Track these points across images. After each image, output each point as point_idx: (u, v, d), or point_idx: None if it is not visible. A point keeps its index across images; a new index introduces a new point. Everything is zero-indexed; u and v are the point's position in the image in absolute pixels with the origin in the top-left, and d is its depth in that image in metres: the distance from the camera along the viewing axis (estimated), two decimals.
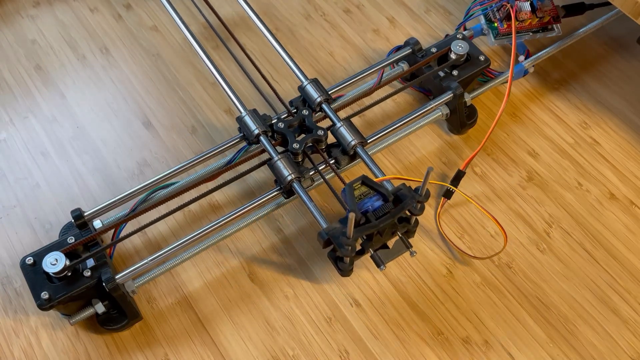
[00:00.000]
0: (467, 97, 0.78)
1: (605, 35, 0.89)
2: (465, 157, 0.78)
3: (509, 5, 0.80)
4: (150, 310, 0.69)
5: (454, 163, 0.78)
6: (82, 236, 0.65)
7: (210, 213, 0.75)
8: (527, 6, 0.80)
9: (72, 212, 0.67)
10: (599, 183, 0.77)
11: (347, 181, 0.62)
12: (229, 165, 0.69)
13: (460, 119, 0.78)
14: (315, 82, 0.71)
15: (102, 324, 0.66)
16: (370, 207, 0.60)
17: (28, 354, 0.66)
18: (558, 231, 0.74)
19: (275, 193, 0.68)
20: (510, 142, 0.80)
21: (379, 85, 0.77)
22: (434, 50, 0.77)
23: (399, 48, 0.82)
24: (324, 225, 0.62)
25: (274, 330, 0.68)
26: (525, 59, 0.83)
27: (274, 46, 0.76)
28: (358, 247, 0.62)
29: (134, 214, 0.66)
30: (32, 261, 0.63)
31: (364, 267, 0.71)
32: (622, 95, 0.84)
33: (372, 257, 0.61)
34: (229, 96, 0.73)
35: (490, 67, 0.81)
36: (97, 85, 0.85)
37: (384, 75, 0.78)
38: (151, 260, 0.64)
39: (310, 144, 0.68)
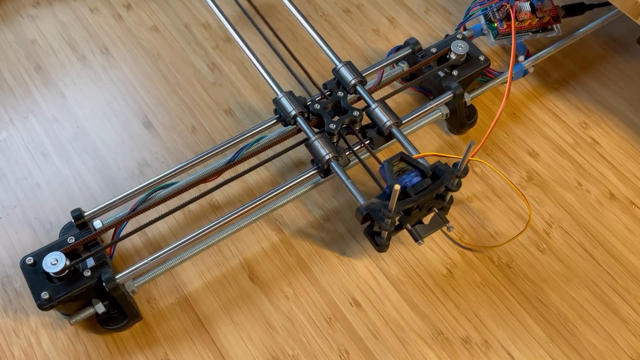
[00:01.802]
0: (467, 97, 0.78)
1: (605, 35, 0.89)
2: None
3: (508, 6, 0.80)
4: (150, 310, 0.69)
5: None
6: (82, 236, 0.65)
7: (210, 213, 0.75)
8: (527, 6, 0.80)
9: (72, 212, 0.67)
10: (598, 183, 0.77)
11: (381, 161, 0.63)
12: (230, 164, 0.69)
13: (460, 119, 0.78)
14: (349, 65, 0.72)
15: (102, 324, 0.66)
16: (409, 182, 0.62)
17: (28, 354, 0.66)
18: (558, 231, 0.74)
19: (313, 172, 0.69)
20: (510, 142, 0.80)
21: (379, 85, 0.77)
22: (433, 50, 0.77)
23: (398, 48, 0.82)
24: (362, 202, 0.63)
25: (274, 330, 0.68)
26: (525, 59, 0.83)
27: (307, 30, 0.77)
28: (396, 223, 0.63)
29: (134, 213, 0.66)
30: (32, 261, 0.63)
31: (364, 266, 0.71)
32: (622, 95, 0.84)
33: (410, 231, 0.63)
34: (265, 78, 0.74)
35: (490, 67, 0.81)
36: (97, 85, 0.85)
37: (384, 75, 0.78)
38: (151, 260, 0.64)
39: (346, 125, 0.70)
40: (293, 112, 0.70)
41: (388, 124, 0.69)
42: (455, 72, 0.76)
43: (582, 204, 0.76)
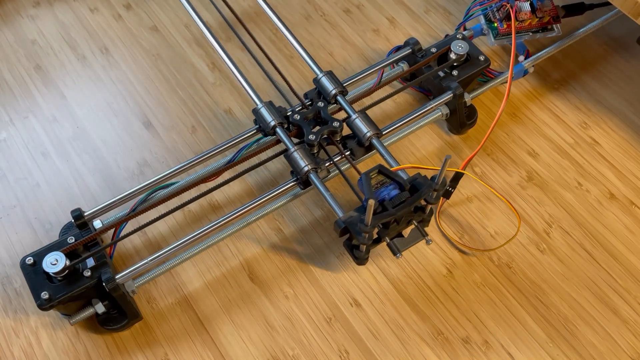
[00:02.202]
0: (467, 97, 0.78)
1: (605, 35, 0.89)
2: (465, 157, 0.78)
3: (508, 6, 0.80)
4: (150, 310, 0.69)
5: (454, 163, 0.78)
6: (82, 236, 0.65)
7: (210, 213, 0.75)
8: (527, 6, 0.80)
9: (72, 212, 0.67)
10: (598, 183, 0.77)
11: (361, 172, 0.62)
12: (230, 165, 0.69)
13: (460, 119, 0.78)
14: (330, 75, 0.72)
15: (102, 324, 0.66)
16: (386, 195, 0.61)
17: (28, 354, 0.66)
18: (558, 231, 0.74)
19: (292, 184, 0.68)
20: (510, 142, 0.80)
21: (379, 85, 0.77)
22: (433, 50, 0.77)
23: (398, 48, 0.82)
24: (340, 214, 0.63)
25: (274, 330, 0.68)
26: (525, 59, 0.83)
27: (288, 39, 0.77)
28: (374, 236, 0.63)
29: (134, 213, 0.66)
30: (32, 261, 0.63)
31: (364, 267, 0.71)
32: (622, 95, 0.84)
33: (388, 245, 0.62)
34: (245, 88, 0.73)
35: (490, 67, 0.81)
36: (97, 85, 0.85)
37: (383, 75, 0.78)
38: (151, 260, 0.64)
39: (326, 136, 0.69)
40: (272, 123, 0.69)
41: (368, 134, 0.68)
42: (455, 72, 0.76)
43: (582, 204, 0.76)
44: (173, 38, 0.90)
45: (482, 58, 0.76)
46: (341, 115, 0.71)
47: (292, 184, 0.68)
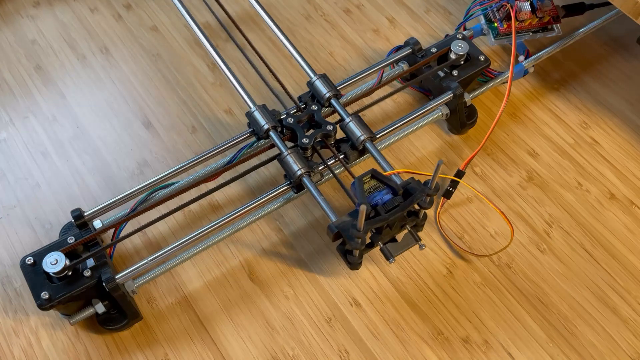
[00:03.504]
0: (467, 97, 0.78)
1: (605, 35, 0.89)
2: (465, 157, 0.78)
3: (509, 5, 0.80)
4: (150, 310, 0.69)
5: (454, 163, 0.78)
6: (82, 236, 0.65)
7: (210, 213, 0.75)
8: (527, 6, 0.80)
9: (72, 212, 0.67)
10: (599, 183, 0.77)
11: (356, 176, 0.62)
12: (230, 165, 0.69)
13: (460, 119, 0.78)
14: (324, 78, 0.72)
15: (102, 324, 0.66)
16: (379, 200, 0.61)
17: (28, 354, 0.66)
18: (558, 231, 0.74)
19: (285, 188, 0.68)
20: (510, 142, 0.80)
21: (379, 85, 0.77)
22: (433, 50, 0.77)
23: (399, 48, 0.82)
24: (333, 219, 0.62)
25: (274, 330, 0.68)
26: (525, 59, 0.83)
27: (282, 42, 0.76)
28: (367, 241, 0.62)
29: (134, 213, 0.66)
30: (32, 261, 0.63)
31: (364, 267, 0.71)
32: (622, 95, 0.84)
33: (381, 250, 0.62)
34: (238, 91, 0.73)
35: (490, 67, 0.81)
36: (97, 85, 0.85)
37: (383, 75, 0.78)
38: (151, 260, 0.64)
39: (320, 139, 0.69)
40: (265, 126, 0.69)
41: (362, 138, 0.68)
42: (455, 72, 0.76)
43: (582, 204, 0.76)
44: (173, 38, 0.90)
45: (482, 58, 0.76)
46: (335, 118, 0.71)
47: (285, 188, 0.68)
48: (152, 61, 0.88)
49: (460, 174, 0.75)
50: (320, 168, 0.68)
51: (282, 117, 0.70)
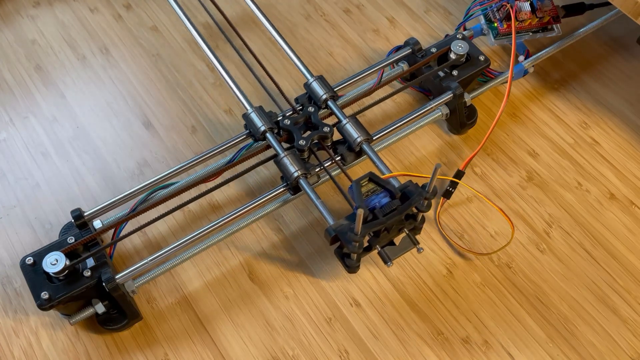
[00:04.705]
0: (467, 97, 0.78)
1: (605, 35, 0.89)
2: (465, 157, 0.78)
3: (508, 5, 0.80)
4: (150, 310, 0.69)
5: (454, 163, 0.78)
6: (82, 236, 0.65)
7: (210, 213, 0.75)
8: (527, 6, 0.80)
9: (72, 212, 0.67)
10: (598, 183, 0.77)
11: (353, 178, 0.62)
12: (229, 165, 0.69)
13: (460, 119, 0.78)
14: (321, 79, 0.71)
15: (102, 324, 0.66)
16: (377, 203, 0.61)
17: (28, 354, 0.66)
18: (558, 231, 0.74)
19: (282, 190, 0.68)
20: (510, 142, 0.80)
21: (378, 85, 0.77)
22: (433, 50, 0.77)
23: (398, 48, 0.82)
24: (331, 222, 0.62)
25: (274, 330, 0.68)
26: (525, 59, 0.83)
27: (279, 43, 0.76)
28: (365, 244, 0.62)
29: (133, 213, 0.66)
30: (32, 261, 0.63)
31: (364, 267, 0.71)
32: (622, 95, 0.84)
33: (379, 253, 0.62)
34: (235, 93, 0.73)
35: (490, 67, 0.81)
36: (97, 85, 0.85)
37: (383, 75, 0.78)
38: (151, 260, 0.64)
39: (316, 141, 0.69)
40: (262, 128, 0.68)
41: (359, 140, 0.67)
42: (455, 72, 0.76)
43: (582, 204, 0.76)
44: (173, 38, 0.90)
45: (482, 58, 0.76)
46: (332, 120, 0.71)
47: (282, 189, 0.68)
48: (152, 61, 0.88)
49: (460, 174, 0.75)
50: (317, 170, 0.68)
51: (278, 118, 0.70)
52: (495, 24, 0.81)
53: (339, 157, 0.69)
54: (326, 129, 0.68)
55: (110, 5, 0.93)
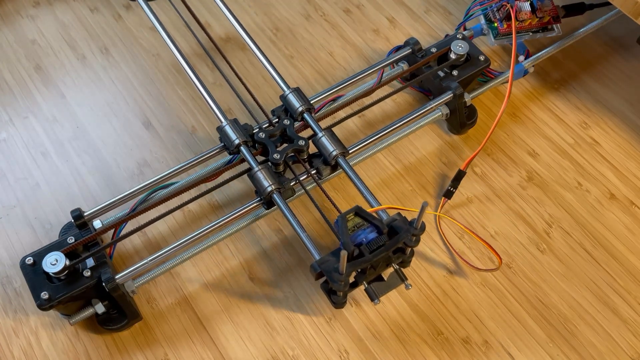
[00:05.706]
0: (467, 97, 0.78)
1: (605, 35, 0.89)
2: (465, 157, 0.78)
3: (509, 5, 0.80)
4: (150, 310, 0.69)
5: (454, 163, 0.78)
6: (82, 236, 0.65)
7: (210, 213, 0.75)
8: (527, 6, 0.80)
9: (72, 212, 0.67)
10: (599, 183, 0.77)
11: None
12: (229, 165, 0.69)
13: (460, 119, 0.78)
14: (297, 91, 0.70)
15: (102, 324, 0.66)
16: (364, 239, 0.59)
17: (28, 354, 0.66)
18: (558, 231, 0.74)
19: (256, 204, 0.67)
20: (510, 142, 0.80)
21: (379, 85, 0.77)
22: (433, 50, 0.77)
23: (398, 48, 0.82)
24: (317, 256, 0.60)
25: (274, 330, 0.68)
26: (525, 59, 0.83)
27: (255, 53, 0.75)
28: (351, 280, 0.60)
29: (133, 213, 0.66)
30: (32, 261, 0.63)
31: None
32: (622, 95, 0.84)
33: (366, 290, 0.60)
34: (210, 105, 0.71)
35: (490, 67, 0.81)
36: (97, 85, 0.85)
37: (383, 75, 0.78)
38: (151, 260, 0.64)
39: (292, 154, 0.67)
40: (236, 141, 0.67)
41: (334, 153, 0.66)
42: (455, 72, 0.76)
43: (582, 204, 0.75)
44: (173, 38, 0.89)
45: (482, 58, 0.76)
46: (309, 132, 0.70)
47: (256, 204, 0.67)
48: (152, 61, 0.88)
49: (461, 174, 0.75)
50: (292, 184, 0.67)
51: (254, 131, 0.69)
52: (496, 24, 0.81)
53: (314, 171, 0.68)
54: (301, 142, 0.67)
55: (110, 5, 0.93)
